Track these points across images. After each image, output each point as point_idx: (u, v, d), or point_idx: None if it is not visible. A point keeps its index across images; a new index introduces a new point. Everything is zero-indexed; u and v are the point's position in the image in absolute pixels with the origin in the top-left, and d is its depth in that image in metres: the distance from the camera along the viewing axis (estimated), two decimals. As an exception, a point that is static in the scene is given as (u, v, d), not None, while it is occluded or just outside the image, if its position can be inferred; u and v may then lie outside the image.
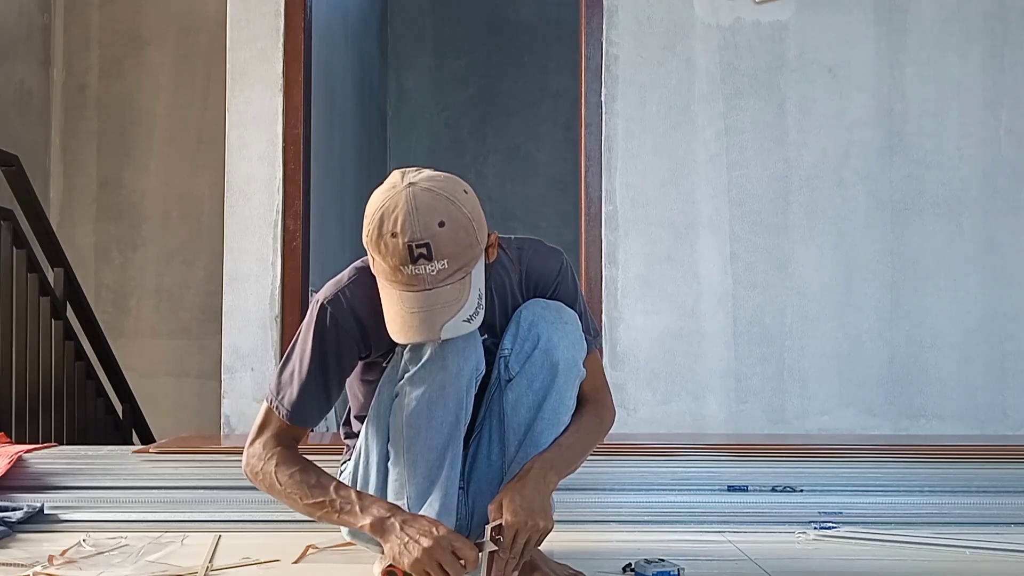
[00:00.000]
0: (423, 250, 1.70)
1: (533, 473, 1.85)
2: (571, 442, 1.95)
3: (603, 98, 3.78)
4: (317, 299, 1.91)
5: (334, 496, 1.85)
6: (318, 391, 1.91)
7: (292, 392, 1.90)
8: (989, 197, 3.78)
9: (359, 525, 1.82)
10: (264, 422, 1.94)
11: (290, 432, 1.94)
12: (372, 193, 1.79)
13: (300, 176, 3.75)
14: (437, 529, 1.76)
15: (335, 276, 1.95)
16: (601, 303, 3.71)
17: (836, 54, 3.79)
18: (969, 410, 3.72)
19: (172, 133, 5.45)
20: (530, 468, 1.87)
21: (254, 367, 3.68)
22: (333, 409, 2.12)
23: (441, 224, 1.71)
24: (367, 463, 2.01)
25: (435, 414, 1.87)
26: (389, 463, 1.95)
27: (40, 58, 5.25)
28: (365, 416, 2.01)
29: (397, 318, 1.75)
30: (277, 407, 1.92)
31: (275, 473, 1.88)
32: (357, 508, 1.82)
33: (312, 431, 2.14)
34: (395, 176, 1.78)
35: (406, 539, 1.75)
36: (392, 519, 1.79)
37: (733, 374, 3.72)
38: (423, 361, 1.85)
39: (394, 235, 1.71)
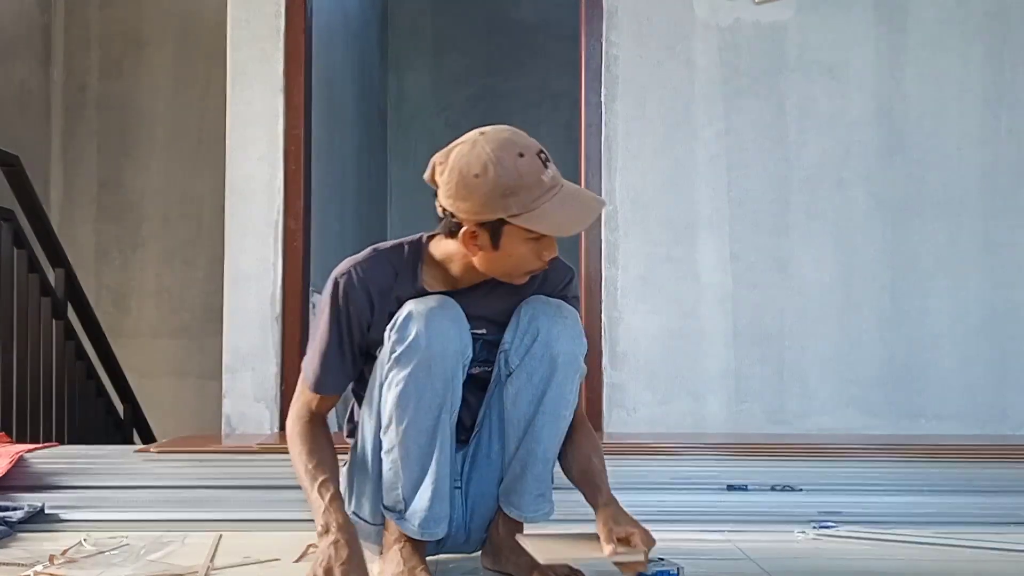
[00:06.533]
0: (545, 155, 1.87)
1: (615, 502, 1.92)
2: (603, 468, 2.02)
3: (603, 98, 3.77)
4: (332, 274, 2.01)
5: (313, 493, 1.94)
6: (335, 359, 2.01)
7: (314, 362, 2.02)
8: (989, 197, 3.78)
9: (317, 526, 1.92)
10: (298, 391, 2.07)
11: (318, 399, 2.04)
12: (456, 165, 1.85)
13: (301, 176, 3.74)
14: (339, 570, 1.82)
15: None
16: (601, 303, 3.71)
17: (836, 54, 3.79)
18: (969, 410, 3.72)
19: (172, 133, 5.46)
20: (609, 499, 1.92)
21: (255, 367, 3.68)
22: (335, 410, 2.14)
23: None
24: (364, 455, 2.04)
25: (423, 395, 1.90)
26: (382, 452, 1.97)
27: (40, 58, 5.25)
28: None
29: (565, 209, 1.85)
30: (304, 378, 2.05)
31: (293, 442, 2.02)
32: (321, 512, 1.91)
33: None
34: (470, 135, 1.89)
35: (320, 559, 1.84)
36: (326, 537, 1.87)
37: (733, 374, 3.72)
38: (408, 341, 1.89)
39: (521, 155, 1.84)
